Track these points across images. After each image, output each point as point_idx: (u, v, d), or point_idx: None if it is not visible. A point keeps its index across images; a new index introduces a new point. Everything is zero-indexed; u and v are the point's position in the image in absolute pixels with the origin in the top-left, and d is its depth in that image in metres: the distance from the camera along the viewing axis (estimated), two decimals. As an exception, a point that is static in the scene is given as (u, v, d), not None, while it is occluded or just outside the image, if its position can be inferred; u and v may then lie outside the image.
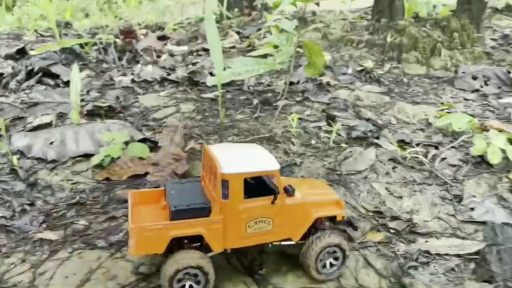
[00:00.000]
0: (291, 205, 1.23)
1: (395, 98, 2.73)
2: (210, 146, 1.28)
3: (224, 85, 3.08)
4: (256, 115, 2.44)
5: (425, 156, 2.00)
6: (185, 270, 1.13)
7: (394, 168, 1.90)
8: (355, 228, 1.48)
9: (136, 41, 3.97)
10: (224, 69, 1.91)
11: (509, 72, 2.95)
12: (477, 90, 2.85)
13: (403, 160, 1.96)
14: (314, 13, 4.52)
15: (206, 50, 3.79)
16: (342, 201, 1.35)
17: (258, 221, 1.19)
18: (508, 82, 2.93)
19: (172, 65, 3.43)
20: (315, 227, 1.30)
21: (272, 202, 1.19)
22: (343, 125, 2.27)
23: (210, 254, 1.19)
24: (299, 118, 2.40)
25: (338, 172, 1.87)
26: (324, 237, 1.26)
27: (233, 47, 3.83)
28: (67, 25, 5.66)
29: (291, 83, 2.91)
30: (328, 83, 2.91)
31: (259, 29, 4.21)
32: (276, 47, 2.64)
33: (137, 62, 3.53)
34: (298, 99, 2.70)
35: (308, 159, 1.97)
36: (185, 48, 3.91)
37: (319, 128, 2.26)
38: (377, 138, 2.15)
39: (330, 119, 2.30)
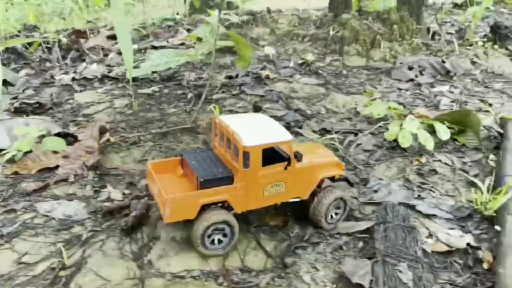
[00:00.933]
0: (301, 169, 1.40)
1: (330, 90, 2.77)
2: (223, 119, 1.43)
3: (163, 80, 3.11)
4: (187, 108, 2.45)
5: (341, 143, 2.04)
6: (214, 225, 1.30)
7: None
8: (351, 185, 1.64)
9: (85, 40, 3.94)
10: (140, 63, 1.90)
11: (443, 62, 3.02)
12: (411, 80, 2.92)
13: (320, 147, 1.99)
14: (269, 11, 4.56)
15: (155, 48, 3.79)
16: (342, 162, 1.54)
17: (273, 185, 1.36)
18: (442, 71, 3.00)
19: (117, 63, 3.42)
20: (319, 186, 1.49)
21: (285, 168, 1.36)
22: (270, 116, 2.29)
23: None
24: (230, 110, 2.42)
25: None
26: (331, 193, 1.45)
27: (182, 44, 3.84)
28: (35, 28, 5.59)
29: (230, 77, 2.93)
30: (267, 77, 2.94)
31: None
32: (200, 39, 2.65)
33: (83, 60, 3.51)
34: (235, 92, 2.71)
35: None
36: (134, 46, 3.90)
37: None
38: (300, 127, 2.19)
39: (257, 110, 2.32)
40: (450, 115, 2.12)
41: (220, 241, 1.34)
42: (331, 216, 1.48)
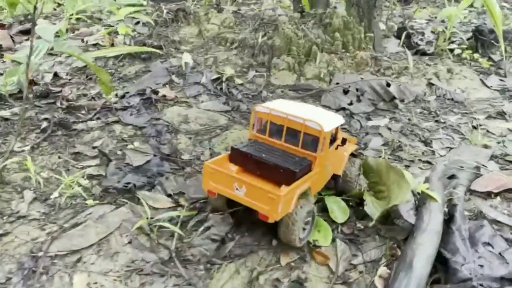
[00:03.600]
0: (338, 149, 1.49)
1: (234, 121, 2.16)
2: (272, 107, 1.42)
3: (38, 97, 2.49)
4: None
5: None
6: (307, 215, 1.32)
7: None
8: (359, 154, 1.82)
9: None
10: None
11: (388, 85, 2.39)
12: (343, 109, 2.30)
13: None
14: (218, 3, 3.91)
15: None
16: (355, 138, 1.69)
17: (328, 165, 1.43)
18: (386, 97, 2.38)
19: None
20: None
21: (336, 148, 1.46)
22: (93, 176, 1.67)
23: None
24: (94, 147, 1.84)
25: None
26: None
27: (96, 44, 3.22)
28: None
29: (123, 96, 2.33)
30: (164, 97, 2.33)
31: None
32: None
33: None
34: (112, 119, 2.12)
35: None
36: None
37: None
38: (151, 189, 1.59)
39: (104, 155, 1.73)
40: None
41: (304, 229, 1.34)
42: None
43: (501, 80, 2.71)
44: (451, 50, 3.32)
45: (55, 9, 4.55)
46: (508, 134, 2.14)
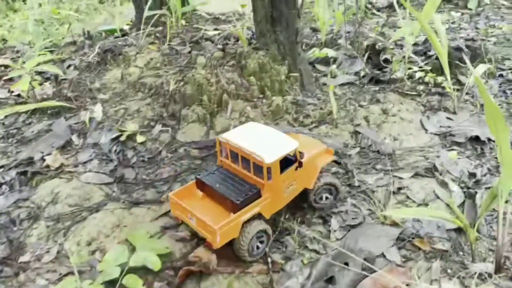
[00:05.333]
0: (305, 164, 1.61)
1: (111, 197, 1.89)
2: (230, 139, 1.58)
3: None
4: None
5: None
6: (255, 236, 1.52)
7: None
8: (339, 163, 1.96)
9: None
10: None
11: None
12: (243, 173, 1.98)
13: None
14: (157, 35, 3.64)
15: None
16: (331, 149, 1.77)
17: (289, 185, 1.59)
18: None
19: None
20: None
21: (296, 169, 1.59)
22: None
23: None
24: None
25: None
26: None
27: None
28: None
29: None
30: (47, 167, 2.09)
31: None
32: None
33: None
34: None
35: None
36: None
37: None
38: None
39: None
40: None
41: (257, 247, 1.55)
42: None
43: (448, 118, 2.32)
44: (410, 76, 2.94)
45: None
46: (432, 200, 1.77)
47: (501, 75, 2.99)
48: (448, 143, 2.12)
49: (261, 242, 1.57)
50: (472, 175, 1.89)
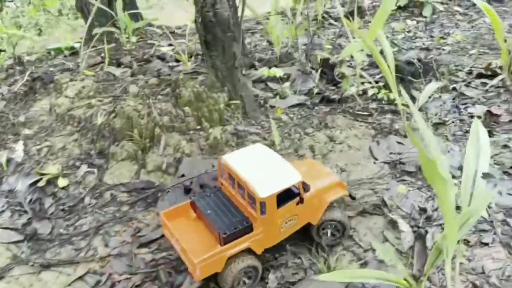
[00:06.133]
0: (310, 198, 1.47)
1: (18, 260, 1.64)
2: (230, 161, 1.48)
3: None
4: None
5: None
6: (241, 271, 1.41)
7: None
8: (353, 198, 1.71)
9: None
10: None
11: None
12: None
13: None
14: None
15: None
16: (344, 182, 1.64)
17: (288, 220, 1.46)
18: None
19: None
20: None
21: (297, 204, 1.45)
22: None
23: None
24: None
25: None
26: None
27: None
28: None
29: None
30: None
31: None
32: None
33: None
34: None
35: None
36: None
37: None
38: None
39: None
40: None
41: (244, 283, 1.44)
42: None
43: (399, 143, 2.17)
44: (363, 92, 2.80)
45: None
46: (382, 243, 1.60)
47: (454, 88, 2.89)
48: (399, 172, 1.97)
49: (249, 277, 1.45)
50: (422, 210, 1.74)
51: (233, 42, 2.17)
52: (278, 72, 2.95)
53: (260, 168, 1.45)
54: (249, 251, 1.42)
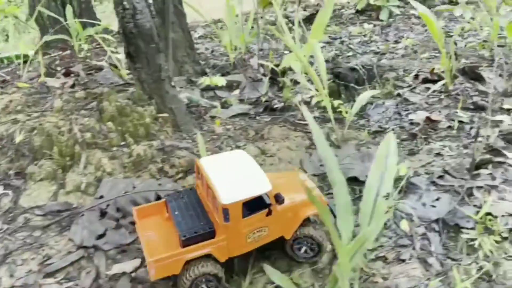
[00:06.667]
0: (283, 211, 1.42)
1: None
2: (203, 164, 1.46)
3: None
4: None
5: None
6: (200, 278, 1.36)
7: None
8: (334, 216, 1.38)
9: None
10: None
11: (158, 198, 1.76)
12: (85, 247, 1.66)
13: None
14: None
15: None
16: (323, 196, 1.56)
17: (256, 231, 1.40)
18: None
19: None
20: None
21: (267, 215, 1.38)
22: None
23: None
24: None
25: None
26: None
27: None
28: None
29: None
30: None
31: None
32: None
33: None
34: None
35: None
36: None
37: None
38: None
39: None
40: None
41: None
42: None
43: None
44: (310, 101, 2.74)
45: None
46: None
47: (398, 94, 2.86)
48: (326, 186, 1.91)
49: (209, 286, 1.40)
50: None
51: (158, 53, 2.07)
52: (220, 81, 2.88)
53: (231, 174, 1.42)
54: (212, 258, 1.38)
